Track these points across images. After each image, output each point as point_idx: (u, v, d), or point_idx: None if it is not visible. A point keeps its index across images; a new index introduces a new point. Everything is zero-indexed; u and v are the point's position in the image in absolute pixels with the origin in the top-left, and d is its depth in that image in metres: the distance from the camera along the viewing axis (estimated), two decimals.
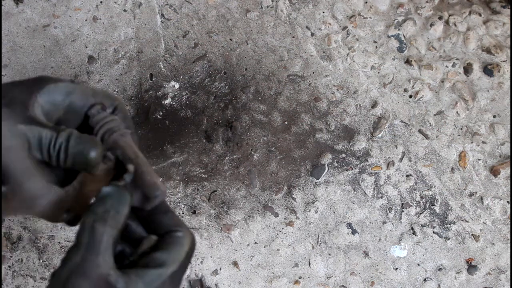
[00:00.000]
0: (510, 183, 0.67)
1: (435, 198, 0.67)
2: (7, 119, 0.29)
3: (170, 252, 0.31)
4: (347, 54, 0.70)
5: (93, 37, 0.69)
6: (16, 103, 0.31)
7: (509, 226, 0.66)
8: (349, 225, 0.66)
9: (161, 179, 0.66)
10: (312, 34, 0.70)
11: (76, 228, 0.31)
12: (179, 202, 0.66)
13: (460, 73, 0.70)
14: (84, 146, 0.30)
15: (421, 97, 0.69)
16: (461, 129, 0.69)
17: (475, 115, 0.69)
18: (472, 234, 0.67)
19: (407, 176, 0.67)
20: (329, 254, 0.66)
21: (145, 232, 0.33)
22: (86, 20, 0.69)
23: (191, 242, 0.33)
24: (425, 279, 0.66)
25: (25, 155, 0.29)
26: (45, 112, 0.32)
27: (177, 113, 0.68)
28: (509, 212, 0.67)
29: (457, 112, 0.69)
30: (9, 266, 0.64)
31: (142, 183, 0.32)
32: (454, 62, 0.70)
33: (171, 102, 0.68)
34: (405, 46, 0.70)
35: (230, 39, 0.70)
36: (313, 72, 0.69)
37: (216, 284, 0.65)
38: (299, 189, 0.67)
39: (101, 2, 0.70)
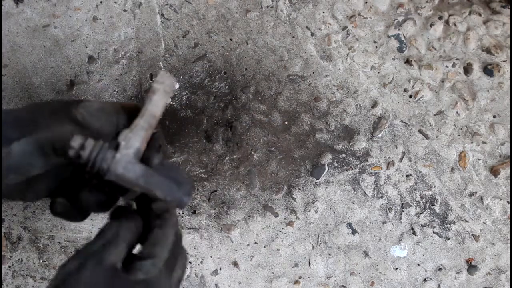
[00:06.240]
0: (510, 183, 0.67)
1: (435, 198, 0.67)
2: None
3: (156, 244, 0.36)
4: (347, 54, 0.70)
5: (93, 37, 0.69)
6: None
7: (509, 226, 0.66)
8: (349, 225, 0.66)
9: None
10: (312, 34, 0.70)
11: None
12: None
13: (460, 73, 0.70)
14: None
15: (421, 97, 0.69)
16: (461, 129, 0.69)
17: (475, 115, 0.69)
18: (472, 234, 0.67)
19: (407, 176, 0.67)
20: (329, 254, 0.66)
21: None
22: (86, 20, 0.69)
23: (176, 230, 0.38)
24: (425, 279, 0.66)
25: None
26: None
27: (177, 113, 0.68)
28: (509, 212, 0.67)
29: (457, 112, 0.69)
30: (9, 266, 0.64)
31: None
32: (454, 62, 0.70)
33: (171, 102, 0.68)
34: (405, 46, 0.70)
35: (230, 39, 0.70)
36: (313, 72, 0.69)
37: (216, 284, 0.65)
38: (299, 189, 0.67)
39: (101, 2, 0.70)
